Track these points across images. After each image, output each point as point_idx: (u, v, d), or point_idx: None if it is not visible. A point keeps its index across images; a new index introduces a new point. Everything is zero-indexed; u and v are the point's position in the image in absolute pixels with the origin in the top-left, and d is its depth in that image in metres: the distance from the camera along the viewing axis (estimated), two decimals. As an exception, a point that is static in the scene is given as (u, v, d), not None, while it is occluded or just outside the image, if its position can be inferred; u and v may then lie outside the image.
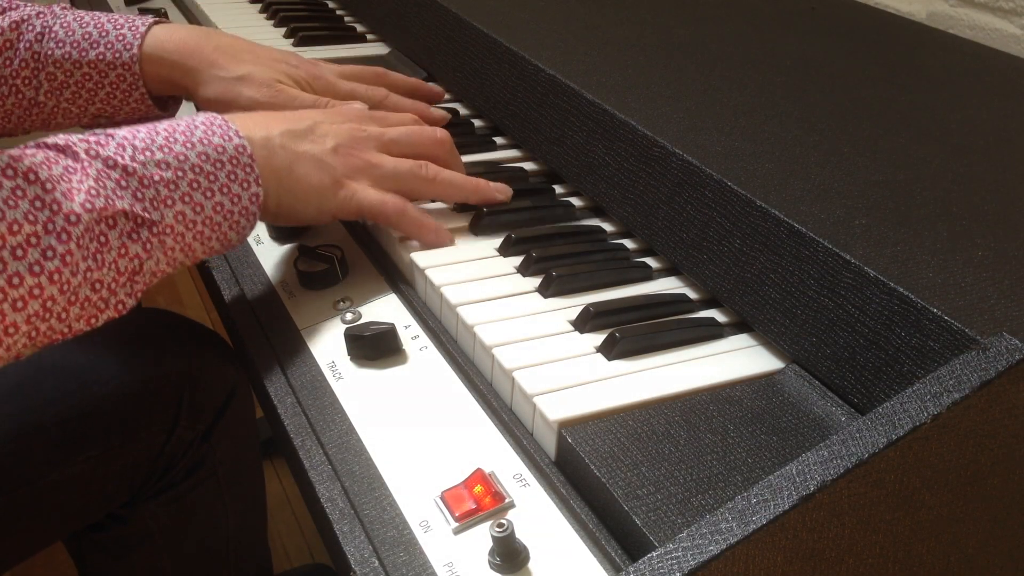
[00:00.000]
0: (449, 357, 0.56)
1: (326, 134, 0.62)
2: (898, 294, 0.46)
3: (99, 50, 0.72)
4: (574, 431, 0.47)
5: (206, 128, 0.56)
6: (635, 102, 0.66)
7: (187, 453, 0.77)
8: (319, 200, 0.61)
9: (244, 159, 0.56)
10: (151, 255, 0.52)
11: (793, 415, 0.49)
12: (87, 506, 0.76)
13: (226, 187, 0.55)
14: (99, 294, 0.49)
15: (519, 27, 0.80)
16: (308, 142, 0.61)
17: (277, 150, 0.59)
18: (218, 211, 0.55)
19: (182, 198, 0.53)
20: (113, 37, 0.72)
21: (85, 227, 0.47)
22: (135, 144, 0.52)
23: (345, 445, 0.50)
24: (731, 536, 0.37)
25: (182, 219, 0.53)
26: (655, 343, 0.54)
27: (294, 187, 0.59)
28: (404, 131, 0.66)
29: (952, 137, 0.67)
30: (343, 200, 0.61)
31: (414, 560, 0.44)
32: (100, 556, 0.84)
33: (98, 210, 0.48)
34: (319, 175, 0.60)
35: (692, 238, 0.58)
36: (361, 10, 1.07)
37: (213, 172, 0.54)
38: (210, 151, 0.55)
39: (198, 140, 0.55)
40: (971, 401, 0.41)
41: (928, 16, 1.19)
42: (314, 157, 0.60)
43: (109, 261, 0.49)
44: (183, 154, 0.53)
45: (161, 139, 0.53)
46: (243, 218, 0.56)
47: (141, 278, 0.52)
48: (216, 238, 0.55)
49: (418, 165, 0.64)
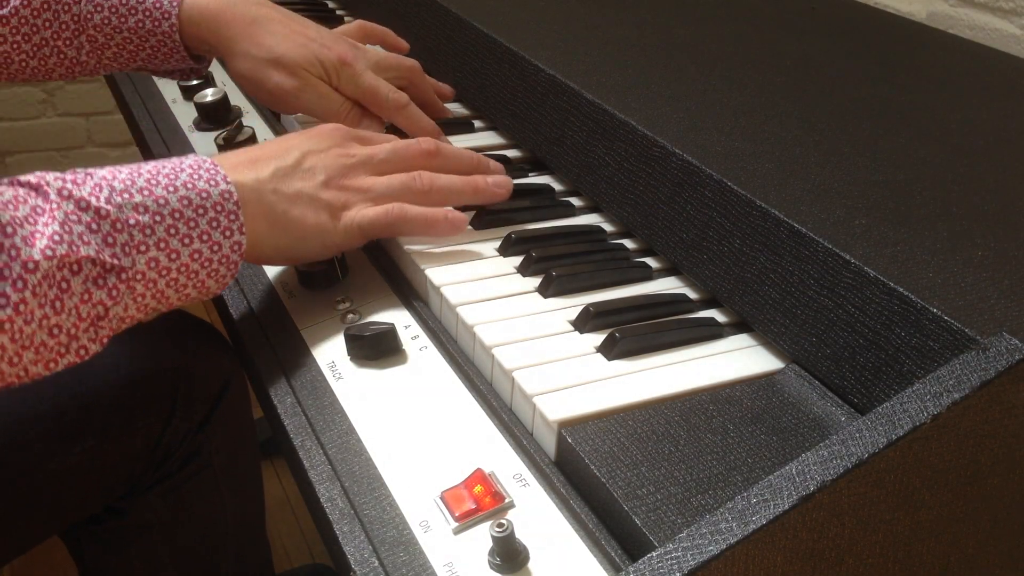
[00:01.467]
0: (449, 357, 0.56)
1: (314, 167, 0.60)
2: (898, 294, 0.46)
3: (137, 17, 0.72)
4: (574, 431, 0.47)
5: (192, 171, 0.53)
6: (635, 102, 0.66)
7: (183, 443, 0.78)
8: (320, 238, 0.59)
9: (229, 206, 0.54)
10: (118, 301, 0.50)
11: (793, 415, 0.49)
12: (85, 498, 0.76)
13: (206, 234, 0.53)
14: (57, 339, 0.47)
15: (519, 27, 0.80)
16: (299, 179, 0.59)
17: (268, 194, 0.57)
18: (195, 258, 0.52)
19: (157, 244, 0.50)
20: (150, 4, 0.72)
21: (44, 274, 0.45)
22: (113, 185, 0.50)
23: (345, 445, 0.50)
24: (731, 536, 0.37)
25: (155, 266, 0.51)
26: (655, 343, 0.54)
27: (291, 230, 0.58)
28: (390, 148, 0.65)
29: (952, 137, 0.67)
30: (344, 231, 0.60)
31: (414, 560, 0.44)
32: (98, 550, 0.85)
33: (59, 257, 0.46)
34: (315, 214, 0.59)
35: (692, 238, 0.58)
36: (361, 10, 1.07)
37: (194, 218, 0.52)
38: (193, 196, 0.52)
39: (182, 184, 0.52)
40: (971, 401, 0.41)
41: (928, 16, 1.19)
42: (307, 195, 0.59)
43: (70, 307, 0.47)
44: (163, 198, 0.51)
45: (142, 181, 0.51)
46: (223, 266, 0.54)
47: (107, 323, 0.50)
48: (193, 286, 0.53)
49: (411, 177, 0.63)
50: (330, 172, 0.61)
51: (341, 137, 0.64)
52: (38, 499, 0.72)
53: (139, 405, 0.74)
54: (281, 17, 0.74)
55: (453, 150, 0.68)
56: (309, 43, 0.73)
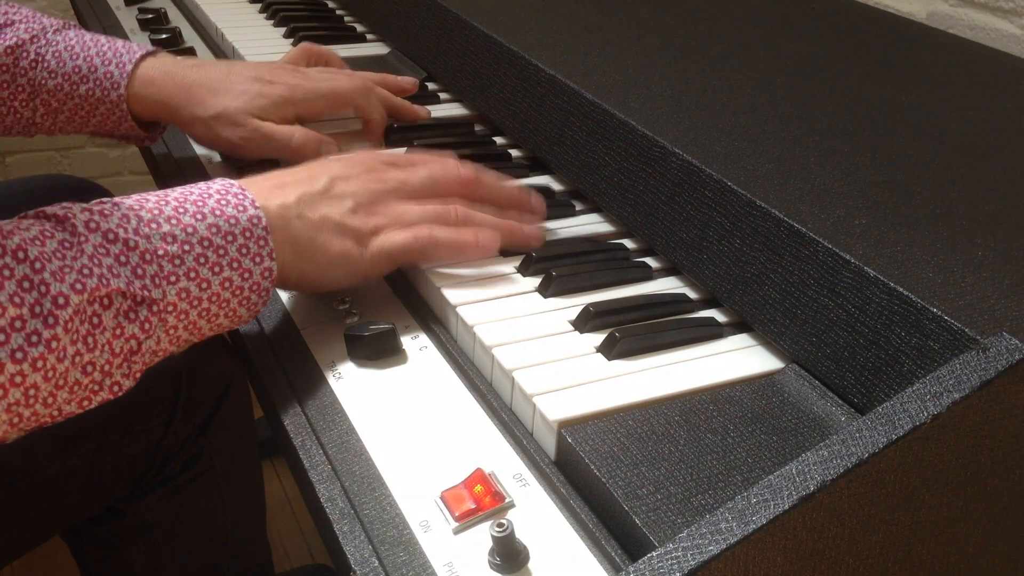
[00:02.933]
0: (449, 357, 0.56)
1: (344, 193, 0.58)
2: (898, 294, 0.46)
3: (88, 85, 0.73)
4: (574, 431, 0.47)
5: (220, 196, 0.52)
6: (635, 102, 0.66)
7: (184, 446, 0.78)
8: (345, 265, 0.57)
9: (258, 231, 0.52)
10: (150, 335, 0.49)
11: (793, 415, 0.49)
12: (85, 499, 0.76)
13: (236, 261, 0.51)
14: (91, 376, 0.46)
15: (519, 27, 0.80)
16: (326, 204, 0.57)
17: (294, 220, 0.55)
18: (226, 287, 0.51)
19: (187, 274, 0.49)
20: (101, 74, 0.73)
21: (75, 310, 0.44)
22: (141, 215, 0.49)
23: (345, 445, 0.50)
24: (731, 536, 0.37)
25: (186, 296, 0.50)
26: (655, 343, 0.54)
27: (315, 257, 0.56)
28: (427, 175, 0.62)
29: (952, 137, 0.67)
30: (372, 259, 0.58)
31: (414, 560, 0.44)
32: (100, 551, 0.85)
33: (90, 290, 0.45)
34: (340, 241, 0.57)
35: (692, 238, 0.58)
36: (361, 10, 1.07)
37: (223, 246, 0.51)
38: (221, 223, 0.51)
39: (210, 211, 0.51)
40: (971, 401, 0.41)
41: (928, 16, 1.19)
42: (333, 222, 0.57)
43: (103, 343, 0.46)
44: (192, 226, 0.50)
45: (170, 209, 0.50)
46: (254, 294, 0.53)
47: (140, 358, 0.49)
48: (224, 315, 0.52)
49: (445, 210, 0.61)
50: (359, 198, 0.59)
51: (374, 162, 0.62)
52: (39, 500, 0.72)
53: (140, 407, 0.74)
54: (221, 74, 0.74)
55: (494, 179, 0.65)
56: (250, 86, 0.73)
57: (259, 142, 0.72)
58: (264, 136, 0.72)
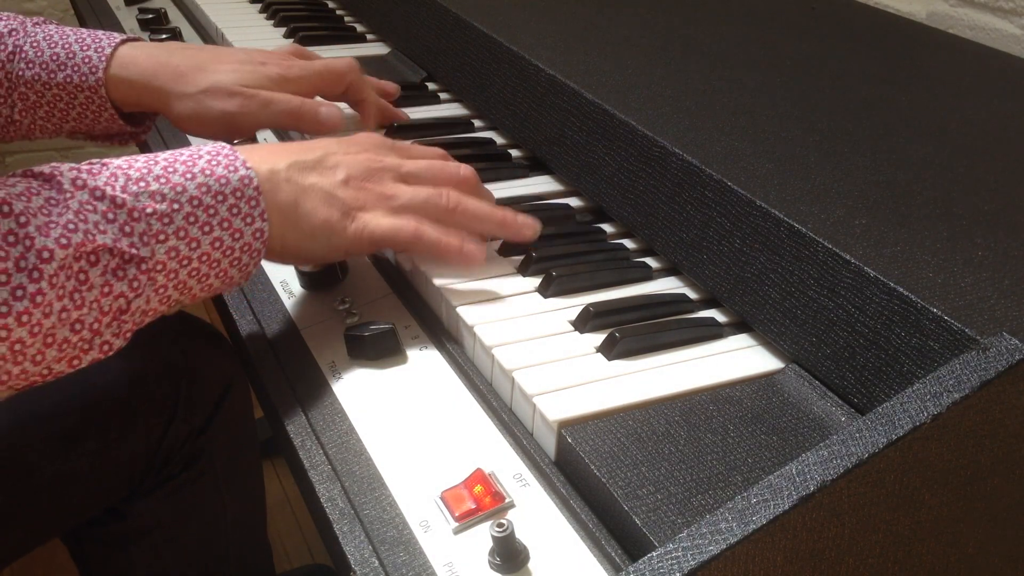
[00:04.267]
0: (449, 357, 0.56)
1: (337, 165, 0.58)
2: (898, 294, 0.46)
3: (66, 72, 0.71)
4: (574, 431, 0.47)
5: (211, 158, 0.52)
6: (635, 102, 0.66)
7: (184, 447, 0.78)
8: (328, 236, 0.56)
9: (249, 192, 0.52)
10: (139, 293, 0.48)
11: (793, 415, 0.49)
12: (85, 500, 0.76)
13: (227, 221, 0.51)
14: (79, 335, 0.46)
15: (519, 27, 0.80)
16: (316, 174, 0.57)
17: (282, 184, 0.55)
18: (217, 247, 0.51)
19: (176, 232, 0.49)
20: (80, 59, 0.71)
21: (60, 264, 0.44)
22: (129, 174, 0.49)
23: (345, 445, 0.50)
24: (731, 536, 0.37)
25: (175, 255, 0.49)
26: (655, 343, 0.54)
27: (300, 223, 0.55)
28: (425, 164, 0.62)
29: (952, 137, 0.67)
30: (355, 234, 0.57)
31: (414, 560, 0.44)
32: (100, 552, 0.85)
33: (75, 246, 0.45)
34: (327, 209, 0.56)
35: (692, 238, 0.58)
36: (361, 10, 1.07)
37: (213, 205, 0.51)
38: (211, 182, 0.51)
39: (199, 171, 0.51)
40: (971, 401, 0.41)
41: (928, 16, 1.19)
42: (322, 190, 0.56)
43: (90, 300, 0.46)
44: (181, 185, 0.50)
45: (159, 169, 0.50)
46: (245, 255, 0.53)
47: (129, 317, 0.49)
48: (215, 275, 0.52)
49: (437, 193, 0.59)
50: (352, 171, 0.58)
51: (375, 144, 0.62)
52: (39, 501, 0.72)
53: (140, 408, 0.73)
54: (211, 54, 0.73)
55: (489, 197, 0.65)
56: (242, 65, 0.71)
57: (256, 109, 0.70)
58: (262, 102, 0.70)
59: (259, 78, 0.71)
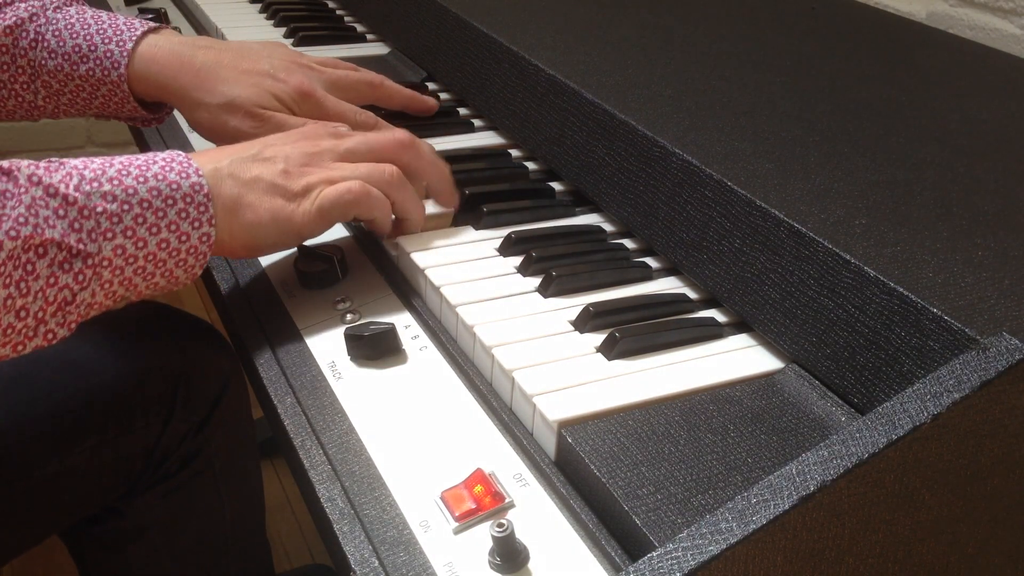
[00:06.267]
0: (449, 357, 0.56)
1: (275, 156, 0.60)
2: (898, 294, 0.46)
3: (88, 65, 0.71)
4: (574, 431, 0.47)
5: (165, 164, 0.54)
6: (635, 102, 0.66)
7: (182, 445, 0.78)
8: (275, 224, 0.58)
9: (199, 198, 0.54)
10: (84, 286, 0.50)
11: (793, 415, 0.49)
12: (84, 498, 0.76)
13: (174, 224, 0.53)
14: (24, 322, 0.48)
15: (519, 27, 0.80)
16: (257, 166, 0.58)
17: (225, 179, 0.57)
18: (163, 248, 0.53)
19: (124, 232, 0.51)
20: (101, 52, 0.71)
21: (8, 255, 0.46)
22: (84, 174, 0.51)
23: (345, 445, 0.50)
24: (731, 536, 0.37)
25: (121, 253, 0.51)
26: (655, 343, 0.54)
27: (245, 216, 0.57)
28: (361, 138, 0.64)
29: (952, 137, 0.67)
30: (304, 215, 0.59)
31: (414, 560, 0.44)
32: (98, 551, 0.85)
33: (23, 238, 0.47)
34: (270, 200, 0.58)
35: (692, 238, 0.58)
36: (361, 10, 1.07)
37: (162, 208, 0.53)
38: (163, 187, 0.53)
39: (152, 175, 0.53)
40: (971, 401, 0.41)
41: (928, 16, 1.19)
42: (265, 182, 0.58)
43: (36, 290, 0.48)
44: (132, 187, 0.52)
45: (113, 171, 0.52)
46: (191, 257, 0.55)
47: (75, 309, 0.51)
48: (161, 274, 0.54)
49: (379, 168, 0.62)
50: (291, 160, 0.60)
51: (313, 132, 0.64)
52: (37, 499, 0.72)
53: (138, 406, 0.73)
54: (231, 58, 0.72)
55: (430, 150, 0.67)
56: (262, 80, 0.71)
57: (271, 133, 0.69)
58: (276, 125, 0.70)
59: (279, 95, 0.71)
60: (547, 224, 0.66)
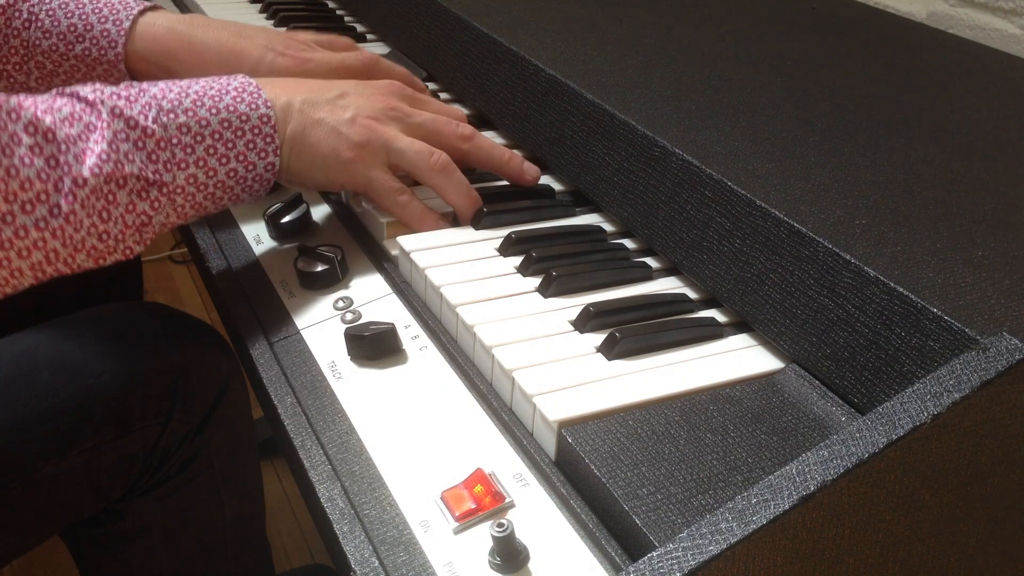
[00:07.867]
0: (449, 357, 0.56)
1: (348, 105, 0.63)
2: (898, 294, 0.46)
3: (84, 45, 0.71)
4: (574, 431, 0.47)
5: (236, 95, 0.58)
6: (635, 102, 0.66)
7: (182, 445, 0.78)
8: (326, 169, 0.62)
9: (266, 129, 0.59)
10: (159, 211, 0.55)
11: (793, 415, 0.49)
12: (82, 500, 0.76)
13: (243, 155, 0.58)
14: (106, 243, 0.53)
15: (519, 27, 0.80)
16: (326, 110, 0.62)
17: (294, 114, 0.61)
18: (231, 176, 0.58)
19: (196, 162, 0.56)
20: (98, 32, 0.71)
21: (91, 189, 0.51)
22: (162, 105, 0.55)
23: (345, 445, 0.50)
24: (731, 536, 0.37)
25: (193, 181, 0.56)
26: (655, 343, 0.54)
27: (303, 152, 0.61)
28: (431, 118, 0.67)
29: (952, 137, 0.67)
30: (352, 177, 0.63)
31: (414, 560, 0.44)
32: (98, 551, 0.84)
33: (106, 174, 0.51)
34: (329, 143, 0.62)
35: (692, 238, 0.58)
36: (361, 10, 1.07)
37: (232, 140, 0.57)
38: (233, 118, 0.57)
39: (224, 106, 0.57)
40: (971, 401, 0.41)
41: (928, 16, 1.19)
42: (328, 125, 0.62)
43: (116, 215, 0.53)
44: (206, 119, 0.56)
45: (189, 101, 0.56)
46: (256, 183, 0.60)
47: (150, 229, 0.55)
48: (228, 198, 0.59)
49: (430, 150, 0.64)
50: (360, 111, 0.63)
51: (390, 91, 0.67)
52: (35, 501, 0.72)
53: (137, 406, 0.73)
54: (228, 36, 0.73)
55: (488, 143, 0.69)
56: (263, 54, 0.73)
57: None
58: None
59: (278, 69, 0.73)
60: (547, 224, 0.66)
